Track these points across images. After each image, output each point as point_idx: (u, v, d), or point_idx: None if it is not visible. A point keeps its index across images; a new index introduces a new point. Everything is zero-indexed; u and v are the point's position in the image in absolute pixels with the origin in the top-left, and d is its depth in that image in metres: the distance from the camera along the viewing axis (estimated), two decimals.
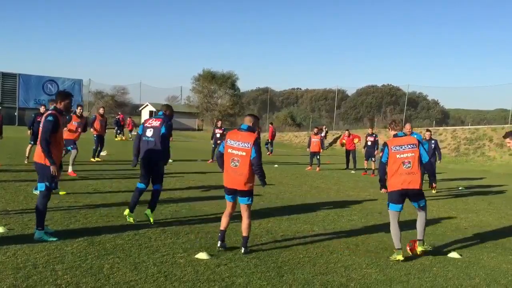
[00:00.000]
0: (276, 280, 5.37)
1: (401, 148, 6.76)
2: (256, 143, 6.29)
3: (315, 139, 19.46)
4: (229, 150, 6.31)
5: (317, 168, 19.02)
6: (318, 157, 19.29)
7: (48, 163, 6.29)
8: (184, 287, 4.95)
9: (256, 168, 6.32)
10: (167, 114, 7.97)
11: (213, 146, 19.79)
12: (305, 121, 58.93)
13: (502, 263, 6.81)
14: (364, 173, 18.49)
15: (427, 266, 6.38)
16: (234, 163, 6.26)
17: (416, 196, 6.82)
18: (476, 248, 7.56)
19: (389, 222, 6.88)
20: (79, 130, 12.96)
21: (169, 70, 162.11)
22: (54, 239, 6.29)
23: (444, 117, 71.90)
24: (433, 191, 12.90)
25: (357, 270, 5.97)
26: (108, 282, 4.93)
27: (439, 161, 14.35)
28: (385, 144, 6.93)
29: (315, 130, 20.79)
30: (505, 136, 7.63)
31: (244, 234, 6.43)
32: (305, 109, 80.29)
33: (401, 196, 6.74)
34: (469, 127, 37.00)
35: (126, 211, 7.65)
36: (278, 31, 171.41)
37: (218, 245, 6.42)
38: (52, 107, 6.70)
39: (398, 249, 6.63)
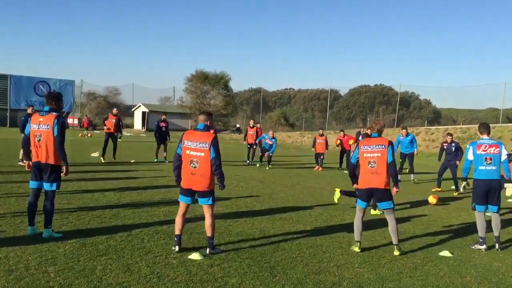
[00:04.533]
0: (269, 280, 5.39)
1: (369, 147, 6.97)
2: (214, 143, 6.17)
3: (320, 140, 20.02)
4: (187, 152, 6.16)
5: (320, 168, 19.68)
6: (322, 157, 19.83)
7: (61, 164, 6.67)
8: None
9: (216, 169, 6.18)
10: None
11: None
12: (298, 121, 59.00)
13: (493, 261, 6.87)
14: None
15: (419, 264, 6.43)
16: (193, 164, 6.14)
17: (381, 195, 6.90)
18: (468, 247, 7.62)
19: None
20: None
21: (161, 70, 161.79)
22: (59, 235, 6.61)
23: (436, 117, 72.25)
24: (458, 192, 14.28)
25: (350, 269, 6.00)
26: (100, 283, 4.92)
27: (458, 162, 14.51)
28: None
29: (320, 131, 21.34)
30: None
31: (208, 234, 6.27)
32: (298, 109, 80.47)
33: (367, 194, 6.98)
34: (461, 126, 37.23)
35: None
36: (271, 32, 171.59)
37: (176, 249, 6.20)
38: (47, 108, 6.68)
39: (357, 241, 6.93)
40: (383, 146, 6.87)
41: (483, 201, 7.63)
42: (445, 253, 7.04)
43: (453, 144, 14.58)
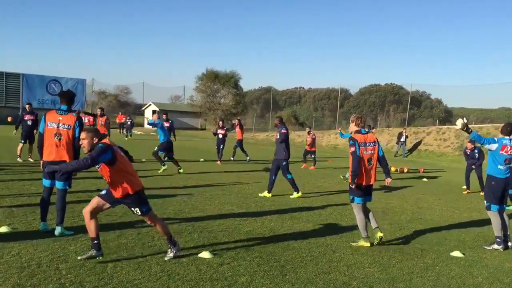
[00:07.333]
0: (279, 279, 5.39)
1: (367, 145, 7.11)
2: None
3: (309, 138, 20.04)
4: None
5: (311, 167, 19.53)
6: (313, 155, 19.90)
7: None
8: (187, 286, 4.97)
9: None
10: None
11: (216, 147, 19.81)
12: (308, 120, 58.86)
13: (505, 262, 6.81)
14: None
15: (430, 265, 6.39)
16: None
17: (371, 190, 7.42)
18: (479, 247, 7.56)
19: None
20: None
21: (172, 69, 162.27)
22: (71, 232, 6.69)
23: (448, 116, 71.71)
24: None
25: (360, 269, 5.98)
26: (111, 281, 4.96)
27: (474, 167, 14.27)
28: (354, 140, 7.05)
29: (307, 129, 21.39)
30: None
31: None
32: (308, 108, 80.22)
33: (365, 190, 7.24)
34: (473, 125, 36.92)
35: None
36: (281, 30, 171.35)
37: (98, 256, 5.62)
38: (64, 107, 6.75)
39: (367, 237, 7.06)
40: (375, 143, 7.22)
41: (499, 201, 7.55)
42: (456, 253, 6.99)
43: (476, 150, 14.32)
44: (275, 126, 12.43)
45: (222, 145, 19.46)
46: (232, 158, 20.56)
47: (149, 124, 15.69)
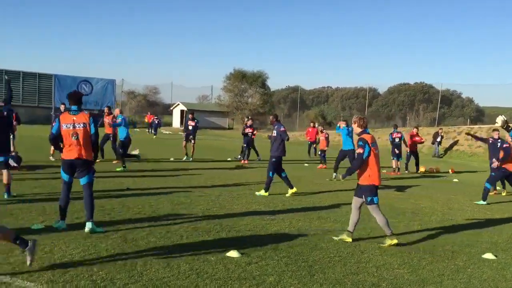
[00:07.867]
0: (307, 279, 5.37)
1: (375, 144, 7.21)
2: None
3: (321, 138, 19.63)
4: None
5: (324, 166, 18.93)
6: (322, 154, 19.34)
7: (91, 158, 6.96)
8: (216, 285, 5.01)
9: None
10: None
11: (244, 145, 19.77)
12: (336, 119, 58.47)
13: None
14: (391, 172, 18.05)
15: (461, 267, 6.27)
16: None
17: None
18: None
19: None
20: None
21: (199, 69, 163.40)
22: (102, 230, 6.82)
23: (479, 115, 70.11)
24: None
25: (389, 270, 5.91)
26: (141, 278, 5.03)
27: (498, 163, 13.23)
28: (365, 141, 7.06)
29: (320, 128, 21.00)
30: None
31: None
32: (336, 107, 79.64)
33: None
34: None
35: None
36: (308, 29, 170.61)
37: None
38: (75, 107, 6.96)
39: (392, 234, 7.04)
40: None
41: None
42: (489, 255, 6.84)
43: (499, 140, 13.34)
44: (270, 123, 12.15)
45: (250, 145, 19.51)
46: (258, 158, 20.38)
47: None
